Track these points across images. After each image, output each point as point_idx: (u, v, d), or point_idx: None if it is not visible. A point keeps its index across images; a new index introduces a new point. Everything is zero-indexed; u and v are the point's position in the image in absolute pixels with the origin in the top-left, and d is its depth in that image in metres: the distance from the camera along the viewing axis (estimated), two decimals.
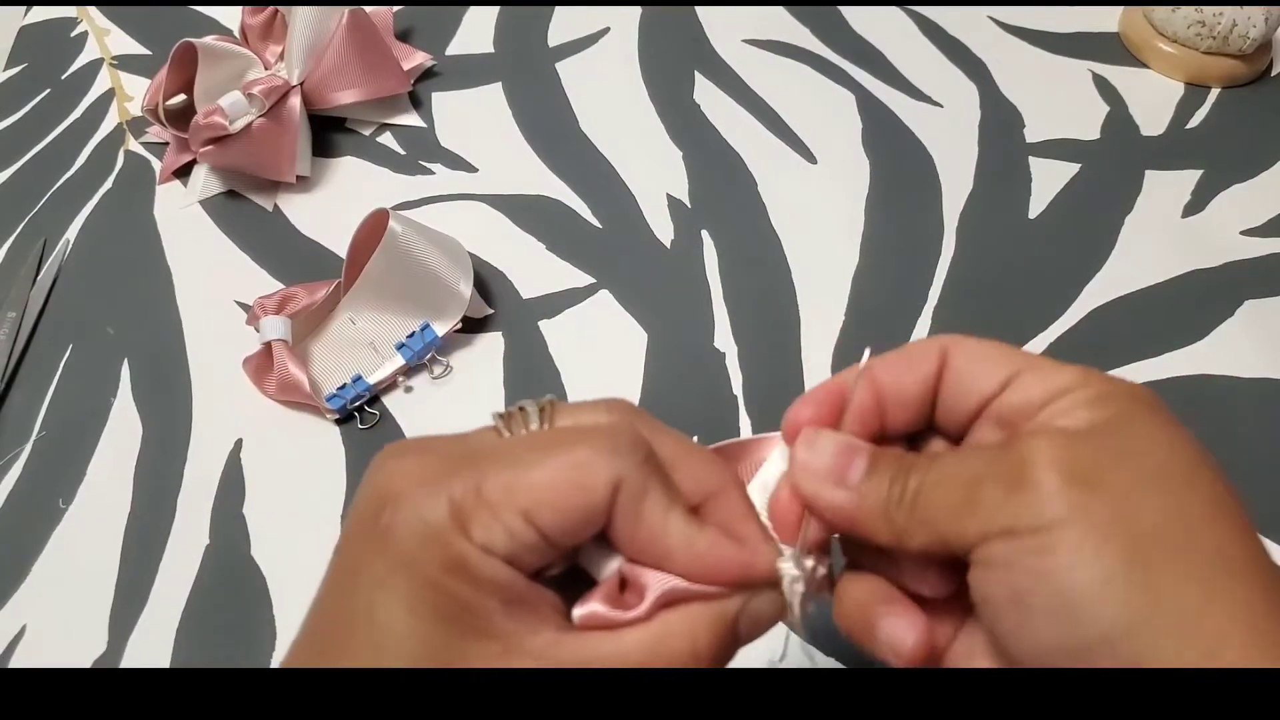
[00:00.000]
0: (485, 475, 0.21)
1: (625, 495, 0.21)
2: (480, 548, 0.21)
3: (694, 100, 0.62)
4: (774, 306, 0.52)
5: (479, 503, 0.21)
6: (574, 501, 0.21)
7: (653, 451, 0.22)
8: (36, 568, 0.44)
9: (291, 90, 0.56)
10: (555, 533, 0.21)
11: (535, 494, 0.21)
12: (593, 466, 0.21)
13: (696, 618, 0.22)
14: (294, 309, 0.49)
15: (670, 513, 0.22)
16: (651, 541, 0.22)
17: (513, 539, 0.21)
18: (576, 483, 0.21)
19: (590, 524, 0.22)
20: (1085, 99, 0.62)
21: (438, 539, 0.20)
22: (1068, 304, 0.52)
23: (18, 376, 0.50)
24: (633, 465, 0.22)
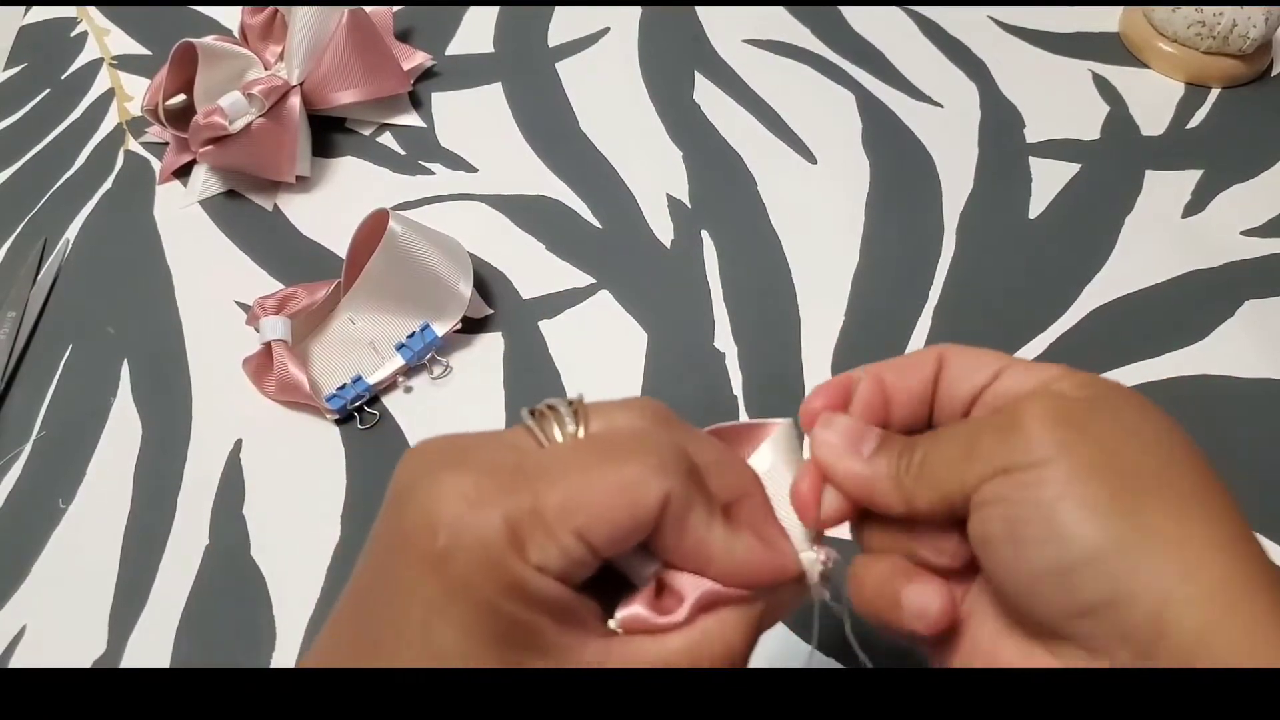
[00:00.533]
0: (539, 494, 0.21)
1: (672, 510, 0.22)
2: (536, 568, 0.21)
3: (694, 100, 0.62)
4: (774, 306, 0.52)
5: (535, 523, 0.21)
6: (626, 518, 0.22)
7: (694, 465, 0.23)
8: (36, 568, 0.44)
9: (291, 90, 0.56)
10: (606, 547, 0.22)
11: (591, 513, 0.21)
12: (644, 484, 0.22)
13: (730, 620, 0.23)
14: (294, 309, 0.49)
15: (712, 524, 0.23)
16: (695, 551, 0.23)
17: (567, 558, 0.21)
18: (629, 500, 0.22)
19: (637, 537, 0.22)
20: (1085, 99, 0.62)
21: (496, 564, 0.21)
22: (1068, 304, 0.52)
23: (18, 376, 0.50)
24: (679, 480, 0.22)
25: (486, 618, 0.21)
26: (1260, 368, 0.50)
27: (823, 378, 0.49)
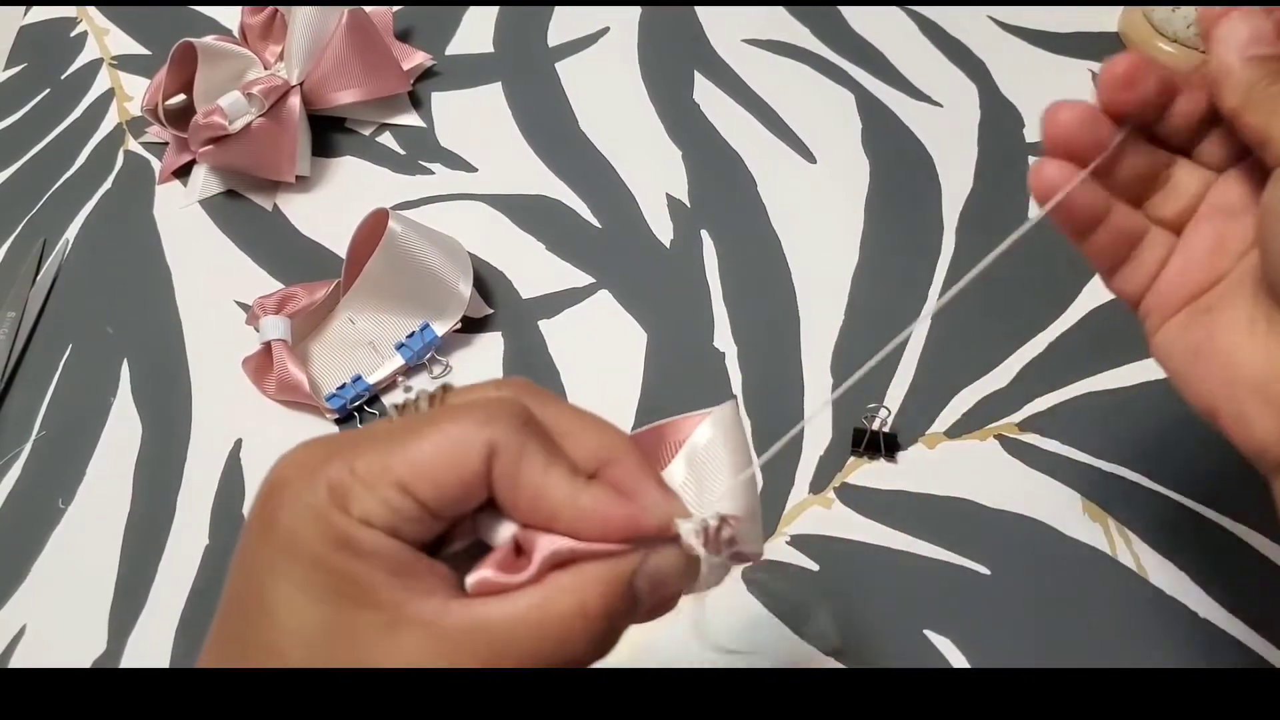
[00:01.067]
0: (360, 454, 0.22)
1: (502, 460, 0.22)
2: (360, 521, 0.21)
3: (694, 100, 0.62)
4: (774, 306, 0.52)
5: (354, 479, 0.21)
6: (448, 470, 0.22)
7: (533, 417, 0.23)
8: (36, 568, 0.44)
9: (291, 90, 0.56)
10: (435, 502, 0.22)
11: (408, 466, 0.21)
12: (464, 434, 0.22)
13: (586, 575, 0.22)
14: (294, 309, 0.49)
15: (550, 471, 0.22)
16: (534, 502, 0.22)
17: (391, 510, 0.21)
18: (449, 451, 0.22)
19: (468, 493, 0.22)
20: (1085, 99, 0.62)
21: (319, 518, 0.21)
22: (1067, 304, 0.52)
23: (18, 376, 0.50)
24: (508, 430, 0.22)
25: (315, 572, 0.21)
26: None
27: (823, 378, 0.49)
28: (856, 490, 0.46)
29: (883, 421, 0.48)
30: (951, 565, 0.43)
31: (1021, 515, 0.45)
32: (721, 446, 0.26)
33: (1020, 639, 0.42)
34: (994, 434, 0.47)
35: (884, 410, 0.48)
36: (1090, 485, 0.46)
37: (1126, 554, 0.44)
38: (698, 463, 0.26)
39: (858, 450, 0.47)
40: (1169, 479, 0.46)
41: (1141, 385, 0.49)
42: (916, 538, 0.44)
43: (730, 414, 0.27)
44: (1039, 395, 0.49)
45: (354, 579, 0.21)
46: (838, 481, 0.46)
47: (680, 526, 0.23)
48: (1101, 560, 0.44)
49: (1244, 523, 0.44)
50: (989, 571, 0.43)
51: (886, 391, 0.49)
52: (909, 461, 0.47)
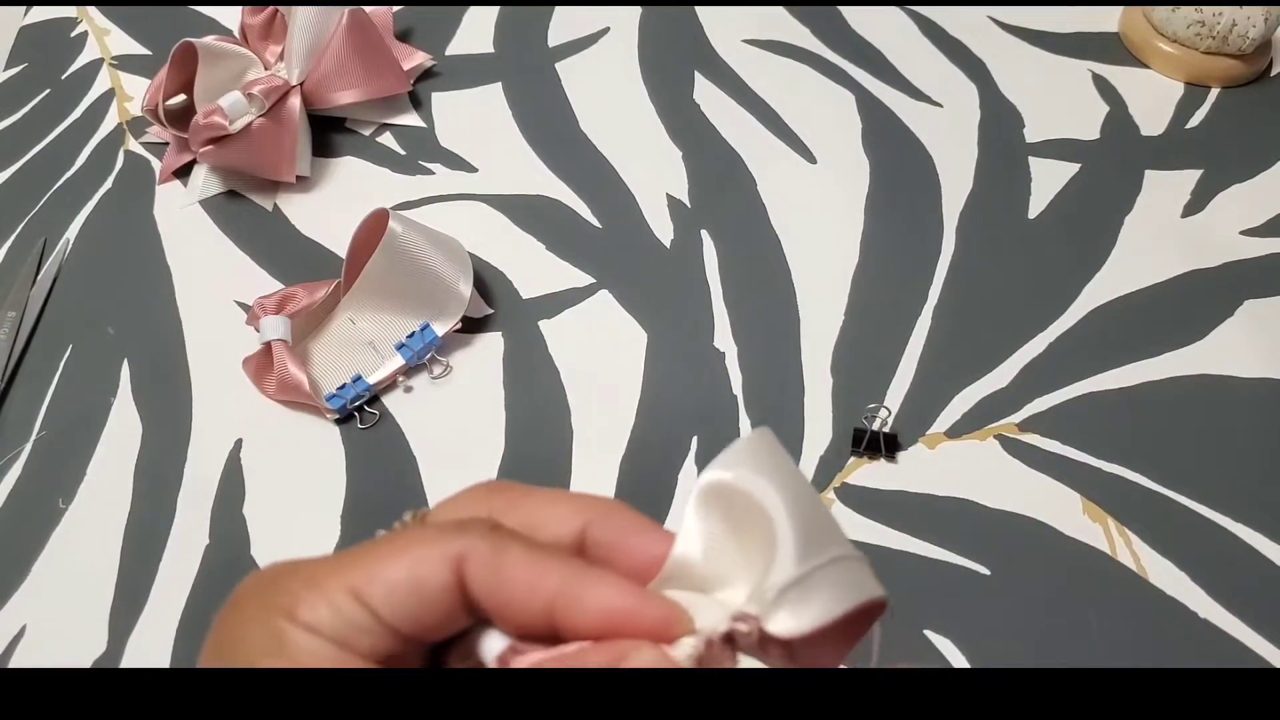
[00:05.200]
0: (319, 566, 0.21)
1: (477, 564, 0.21)
2: (304, 626, 0.20)
3: (694, 100, 0.62)
4: (774, 306, 0.52)
5: (309, 587, 0.21)
6: (404, 576, 0.20)
7: (499, 523, 0.22)
8: (36, 568, 0.44)
9: (291, 90, 0.56)
10: (391, 613, 0.20)
11: (363, 574, 0.21)
12: (426, 545, 0.21)
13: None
14: (294, 309, 0.49)
15: (540, 558, 0.21)
16: (531, 593, 0.21)
17: (340, 617, 0.20)
18: (408, 560, 0.21)
19: (434, 606, 0.21)
20: (1085, 99, 0.62)
21: (259, 623, 0.20)
22: (1067, 304, 0.52)
23: (18, 376, 0.50)
24: (476, 537, 0.21)
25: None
26: (1260, 368, 0.50)
27: (823, 377, 0.49)
28: (856, 490, 0.46)
29: (883, 421, 0.48)
30: (951, 565, 0.43)
31: (1021, 515, 0.45)
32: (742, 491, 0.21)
33: (1020, 639, 0.42)
34: (994, 434, 0.47)
35: (884, 410, 0.48)
36: (1090, 485, 0.46)
37: (1126, 554, 0.44)
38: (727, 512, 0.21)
39: (858, 450, 0.47)
40: (1169, 479, 0.46)
41: (1141, 385, 0.49)
42: (916, 538, 0.44)
43: (758, 442, 0.22)
44: (1039, 395, 0.49)
45: None
46: (838, 481, 0.46)
47: (678, 653, 0.20)
48: (1101, 560, 0.44)
49: (1244, 523, 0.44)
50: (989, 571, 0.43)
51: (886, 391, 0.49)
52: (909, 461, 0.47)
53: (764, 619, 0.20)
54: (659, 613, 0.21)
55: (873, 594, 0.21)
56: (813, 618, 0.20)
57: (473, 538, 0.21)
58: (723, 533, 0.21)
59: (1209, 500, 0.45)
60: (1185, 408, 0.48)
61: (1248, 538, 0.44)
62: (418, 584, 0.20)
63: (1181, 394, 0.49)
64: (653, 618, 0.20)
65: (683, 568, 0.21)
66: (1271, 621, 0.42)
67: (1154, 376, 0.49)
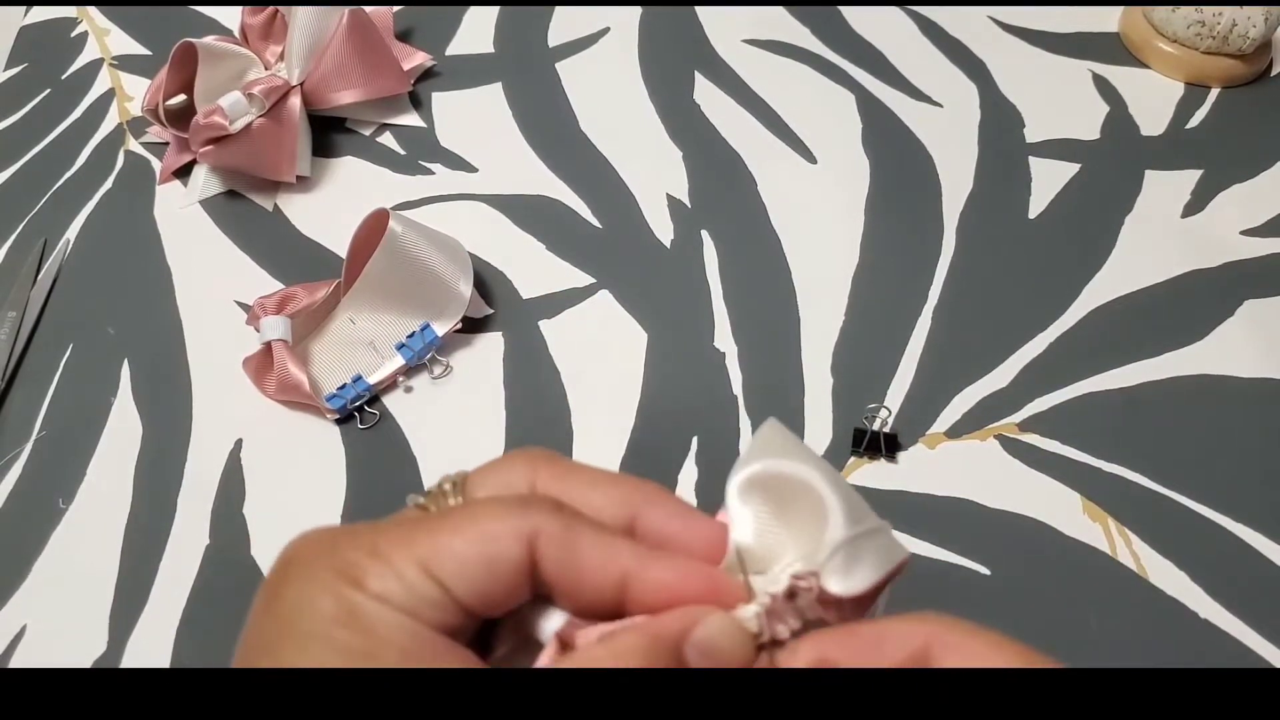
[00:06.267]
0: (382, 535, 0.21)
1: (551, 544, 0.21)
2: (374, 597, 0.20)
3: (694, 100, 0.62)
4: (774, 306, 0.52)
5: (372, 558, 0.20)
6: (476, 550, 0.20)
7: (562, 502, 0.22)
8: (36, 568, 0.44)
9: (291, 90, 0.56)
10: (462, 588, 0.20)
11: (433, 548, 0.20)
12: (498, 520, 0.21)
13: (621, 643, 0.20)
14: (294, 309, 0.49)
15: (610, 538, 0.21)
16: (602, 573, 0.21)
17: (410, 590, 0.20)
18: (480, 536, 0.20)
19: (500, 578, 0.21)
20: (1085, 99, 0.62)
21: (326, 592, 0.20)
22: (1067, 304, 0.52)
23: (18, 376, 0.50)
24: (546, 515, 0.21)
25: (316, 651, 0.20)
26: (1260, 368, 0.50)
27: (823, 377, 0.49)
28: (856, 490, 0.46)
29: (883, 421, 0.48)
30: (951, 565, 0.43)
31: (1021, 515, 0.45)
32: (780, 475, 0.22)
33: (1020, 639, 0.41)
34: (994, 434, 0.47)
35: (884, 410, 0.48)
36: (1090, 485, 0.46)
37: (1126, 554, 0.44)
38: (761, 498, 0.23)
39: (858, 450, 0.47)
40: (1169, 479, 0.46)
41: (1141, 385, 0.49)
42: (916, 538, 0.44)
43: (771, 433, 0.23)
44: (1039, 395, 0.49)
45: (357, 658, 0.19)
46: None
47: (743, 615, 0.21)
48: (1101, 560, 0.44)
49: (1244, 523, 0.44)
50: (989, 571, 0.43)
51: (886, 391, 0.49)
52: (909, 461, 0.47)
53: (822, 578, 0.21)
54: (728, 585, 0.21)
55: (904, 557, 0.22)
56: (864, 578, 0.21)
57: (543, 515, 0.21)
58: (769, 514, 0.22)
59: (1209, 500, 0.45)
60: (1185, 408, 0.48)
61: (1248, 538, 0.44)
62: (490, 560, 0.20)
63: (1181, 394, 0.49)
64: (723, 590, 0.21)
65: (740, 553, 0.22)
66: (1271, 621, 0.42)
67: (1154, 376, 0.49)
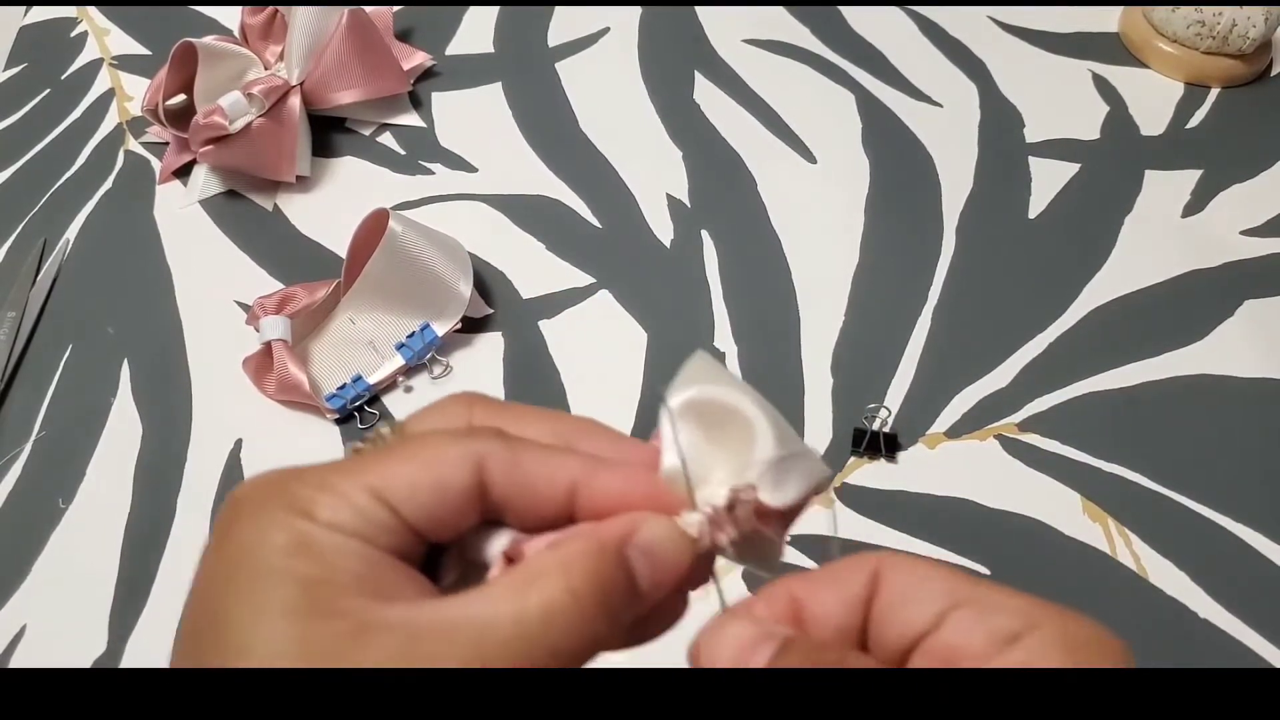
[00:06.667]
0: (329, 469, 0.21)
1: (498, 464, 0.21)
2: (326, 525, 0.20)
3: (694, 100, 0.62)
4: (774, 306, 0.52)
5: (322, 490, 0.20)
6: (426, 475, 0.21)
7: (504, 430, 0.22)
8: (36, 568, 0.44)
9: (291, 90, 0.56)
10: (413, 513, 0.20)
11: (384, 473, 0.21)
12: (444, 447, 0.21)
13: (570, 552, 0.20)
14: (294, 309, 0.49)
15: (556, 451, 0.22)
16: (551, 485, 0.21)
17: (362, 516, 0.20)
18: (427, 458, 0.21)
19: (450, 502, 0.21)
20: (1085, 99, 0.62)
21: (277, 525, 0.20)
22: (1068, 304, 0.52)
23: (18, 376, 0.50)
24: (490, 440, 0.21)
25: (271, 584, 0.19)
26: (1259, 368, 0.50)
27: (823, 377, 0.49)
28: (857, 490, 0.46)
29: (883, 421, 0.48)
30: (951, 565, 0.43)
31: (1021, 515, 0.45)
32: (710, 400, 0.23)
33: None
34: (994, 434, 0.47)
35: (884, 410, 0.48)
36: (1090, 485, 0.46)
37: (1126, 554, 0.44)
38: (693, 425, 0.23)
39: (858, 450, 0.47)
40: (1169, 479, 0.46)
41: (1141, 385, 0.49)
42: (916, 538, 0.44)
43: (701, 364, 0.24)
44: (1039, 395, 0.49)
45: (313, 586, 0.19)
46: (838, 481, 0.46)
47: (685, 522, 0.22)
48: (1101, 560, 0.44)
49: (1244, 523, 0.44)
50: (989, 572, 0.43)
51: (886, 391, 0.49)
52: (909, 461, 0.47)
53: (758, 491, 0.22)
54: (672, 494, 0.22)
55: (827, 474, 0.24)
56: (795, 491, 0.22)
57: (488, 439, 0.21)
58: (701, 439, 0.23)
59: (1209, 500, 0.45)
60: (1185, 408, 0.48)
61: (1248, 538, 0.44)
62: (440, 483, 0.21)
63: (1181, 394, 0.49)
64: (667, 497, 0.22)
65: (671, 476, 0.23)
66: (1271, 621, 0.42)
67: (1154, 376, 0.49)
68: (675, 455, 0.22)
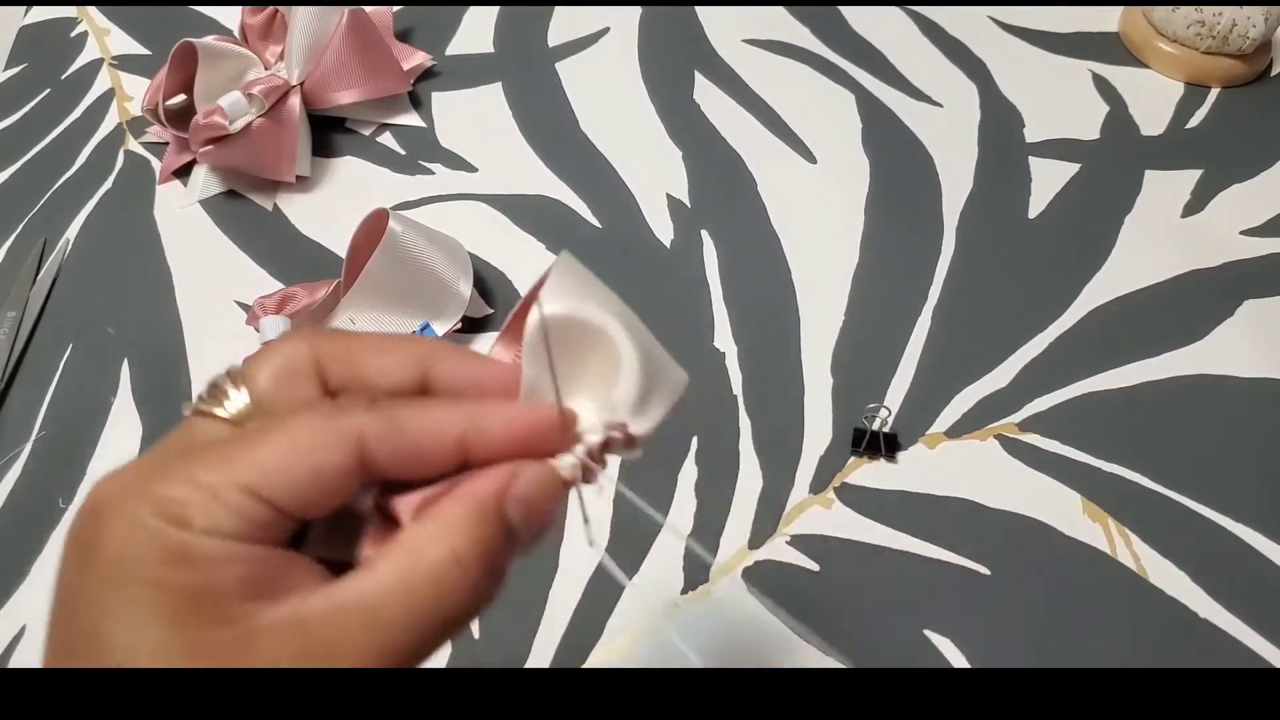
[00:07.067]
0: (199, 465, 0.20)
1: (379, 439, 0.20)
2: (204, 532, 0.19)
3: (694, 100, 0.62)
4: (774, 306, 0.52)
5: (194, 490, 0.19)
6: (304, 467, 0.20)
7: (373, 396, 0.22)
8: (36, 568, 0.44)
9: (291, 90, 0.56)
10: (293, 503, 0.20)
11: (256, 470, 0.20)
12: (315, 428, 0.20)
13: (450, 517, 0.20)
14: (294, 309, 0.49)
15: (433, 410, 0.21)
16: (439, 446, 0.21)
17: (240, 516, 0.19)
18: (301, 448, 0.20)
19: (332, 486, 0.20)
20: (1085, 99, 0.62)
21: (151, 536, 0.19)
22: (1067, 303, 0.52)
23: (18, 376, 0.50)
24: (364, 413, 0.21)
25: (150, 596, 0.19)
26: (1259, 368, 0.50)
27: (822, 377, 0.49)
28: (856, 490, 0.46)
29: (883, 421, 0.48)
30: (951, 565, 0.43)
31: (1021, 515, 0.45)
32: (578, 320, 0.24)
33: (1020, 639, 0.42)
34: (994, 434, 0.47)
35: (884, 410, 0.48)
36: (1090, 485, 0.46)
37: (1126, 554, 0.44)
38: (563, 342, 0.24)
39: (858, 450, 0.47)
40: (1169, 479, 0.46)
41: (1141, 385, 0.49)
42: (916, 538, 0.44)
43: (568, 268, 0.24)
44: (1039, 395, 0.49)
45: (197, 596, 0.19)
46: (838, 481, 0.46)
47: (560, 465, 0.22)
48: (1101, 560, 0.44)
49: (1244, 523, 0.44)
50: (989, 571, 0.43)
51: (886, 391, 0.49)
52: (909, 461, 0.47)
53: (629, 425, 0.23)
54: (559, 422, 0.22)
55: (684, 382, 0.25)
56: (658, 414, 0.24)
57: (359, 414, 0.21)
58: (564, 359, 0.23)
59: (1209, 500, 0.45)
60: (1185, 408, 0.48)
61: (1248, 538, 0.44)
62: (318, 471, 0.20)
63: (1181, 394, 0.49)
64: (550, 435, 0.22)
65: (533, 396, 0.23)
66: (1271, 621, 0.42)
67: (1154, 376, 0.49)
68: (534, 375, 0.23)
